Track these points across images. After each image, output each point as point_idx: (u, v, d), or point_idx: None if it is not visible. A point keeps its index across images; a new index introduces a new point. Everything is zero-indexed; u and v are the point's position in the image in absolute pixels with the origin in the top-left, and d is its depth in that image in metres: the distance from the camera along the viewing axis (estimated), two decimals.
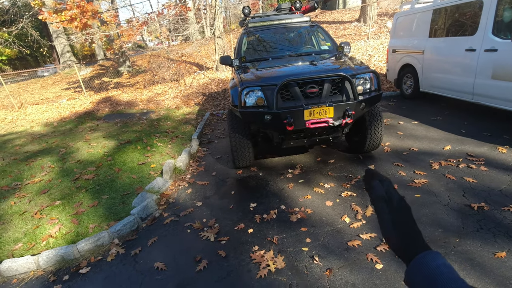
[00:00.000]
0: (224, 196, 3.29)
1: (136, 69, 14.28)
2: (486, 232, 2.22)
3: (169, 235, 2.70)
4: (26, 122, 8.05)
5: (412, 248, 0.46)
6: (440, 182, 2.97)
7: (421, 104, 5.59)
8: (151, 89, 10.23)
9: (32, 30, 18.24)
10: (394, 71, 6.28)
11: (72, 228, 2.87)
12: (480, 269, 1.91)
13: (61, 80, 15.27)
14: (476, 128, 4.15)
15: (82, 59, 26.06)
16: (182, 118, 6.82)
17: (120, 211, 3.07)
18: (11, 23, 17.07)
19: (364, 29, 12.32)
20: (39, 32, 20.02)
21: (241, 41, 4.52)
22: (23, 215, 3.16)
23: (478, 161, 3.25)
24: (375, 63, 8.84)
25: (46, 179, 3.97)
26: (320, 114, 2.91)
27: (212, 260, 2.31)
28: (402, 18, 5.96)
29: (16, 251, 2.62)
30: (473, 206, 2.51)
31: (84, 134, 6.02)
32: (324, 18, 16.02)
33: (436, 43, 4.99)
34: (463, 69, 4.41)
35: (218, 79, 10.12)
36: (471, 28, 4.25)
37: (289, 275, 2.07)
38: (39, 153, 5.03)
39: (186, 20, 16.38)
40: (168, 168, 3.80)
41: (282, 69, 3.42)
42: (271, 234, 2.53)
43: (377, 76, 3.18)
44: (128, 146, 4.85)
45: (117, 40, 11.73)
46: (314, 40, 4.60)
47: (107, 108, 8.70)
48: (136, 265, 2.37)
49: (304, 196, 3.04)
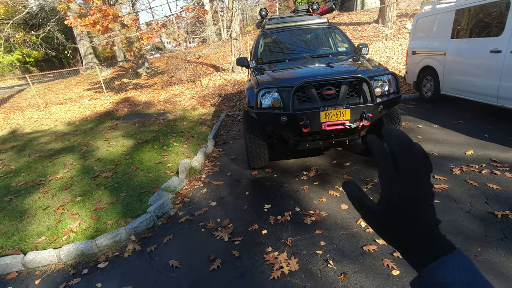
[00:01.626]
0: (238, 196, 3.31)
1: (154, 70, 14.61)
2: (510, 241, 2.12)
3: (184, 234, 2.75)
4: (50, 121, 8.41)
5: None
6: (461, 188, 2.86)
7: (442, 107, 5.41)
8: (168, 90, 10.43)
9: (58, 33, 19.04)
10: (414, 73, 6.11)
11: (91, 223, 2.97)
12: (504, 280, 1.83)
13: (83, 81, 15.85)
14: (501, 133, 3.97)
15: (103, 61, 26.94)
16: (198, 118, 6.92)
17: (137, 209, 3.15)
18: (39, 26, 17.92)
19: (382, 30, 12.08)
20: (64, 35, 20.87)
21: (258, 42, 4.54)
22: (46, 210, 3.30)
23: (503, 167, 3.11)
24: (393, 65, 8.65)
25: (68, 176, 4.13)
26: (337, 116, 2.88)
27: (226, 260, 2.33)
28: (422, 19, 5.80)
29: (39, 244, 2.74)
30: (497, 213, 2.41)
31: (104, 133, 6.22)
32: (342, 19, 15.84)
33: (458, 45, 4.83)
34: (487, 71, 4.24)
35: (234, 80, 10.20)
36: (496, 29, 4.09)
37: (303, 278, 2.06)
38: (62, 151, 5.24)
39: (204, 22, 16.64)
40: (183, 168, 3.86)
41: (299, 71, 3.41)
42: (285, 236, 2.52)
43: (396, 78, 3.12)
44: (145, 146, 4.97)
45: (137, 43, 12.05)
46: (331, 42, 4.56)
47: (126, 108, 8.95)
48: (151, 261, 2.42)
49: (319, 199, 3.01)
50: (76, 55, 22.57)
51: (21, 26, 20.80)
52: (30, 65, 27.68)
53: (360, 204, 0.38)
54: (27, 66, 27.51)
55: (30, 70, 27.40)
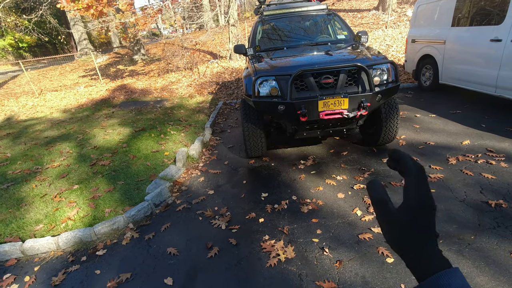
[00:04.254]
0: (236, 185, 3.32)
1: (151, 57, 14.38)
2: (503, 230, 2.16)
3: (181, 222, 2.77)
4: (45, 108, 8.30)
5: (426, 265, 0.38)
6: (456, 177, 2.89)
7: (440, 97, 5.40)
8: (165, 78, 10.30)
9: (51, 18, 18.57)
10: (413, 62, 6.07)
11: (89, 211, 2.98)
12: (495, 267, 1.87)
13: (78, 67, 15.58)
14: (498, 123, 3.99)
15: (98, 46, 26.42)
16: (195, 106, 6.86)
17: (134, 197, 3.16)
18: (31, 10, 17.42)
19: (382, 17, 11.90)
20: (57, 20, 20.35)
21: (256, 29, 4.46)
22: (43, 198, 3.30)
23: (498, 157, 3.13)
24: (393, 54, 8.57)
25: (64, 163, 4.12)
26: (335, 105, 2.86)
27: (223, 247, 2.36)
28: (423, 6, 5.71)
29: (37, 231, 2.75)
30: (491, 203, 2.44)
31: (101, 121, 6.16)
32: (341, 6, 15.54)
33: (459, 33, 4.78)
34: (486, 61, 4.21)
35: (231, 68, 10.08)
36: (498, 17, 4.04)
37: (299, 265, 2.09)
38: (58, 139, 5.20)
39: (201, 8, 16.27)
40: (181, 156, 3.86)
41: (297, 59, 3.37)
42: (282, 224, 2.55)
43: (395, 67, 3.09)
44: (142, 134, 4.94)
45: (132, 28, 11.80)
46: (330, 29, 4.48)
47: (122, 95, 8.84)
48: (149, 249, 2.45)
49: (315, 188, 3.04)
50: (70, 41, 22.10)
51: (12, 10, 20.23)
52: (23, 51, 27.10)
53: (382, 206, 0.41)
54: (20, 51, 26.93)
55: (23, 56, 26.85)
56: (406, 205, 0.39)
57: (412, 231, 0.39)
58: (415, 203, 0.39)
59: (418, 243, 0.39)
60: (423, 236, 0.39)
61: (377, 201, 0.41)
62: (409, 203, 0.39)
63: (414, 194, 0.39)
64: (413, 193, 0.39)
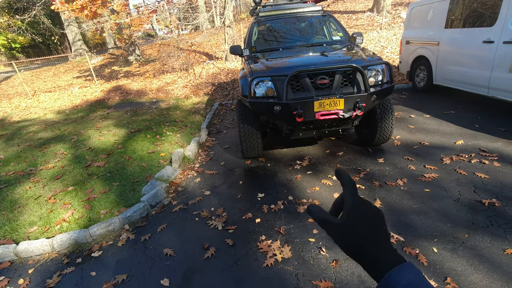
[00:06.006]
0: (232, 185, 3.32)
1: (146, 58, 14.31)
2: (496, 229, 2.19)
3: (177, 223, 2.76)
4: (39, 110, 8.22)
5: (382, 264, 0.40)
6: (450, 177, 2.93)
7: (434, 98, 5.47)
8: (161, 79, 10.26)
9: (44, 18, 18.39)
10: (407, 63, 6.13)
11: (84, 213, 2.96)
12: (489, 265, 1.90)
13: (72, 68, 15.44)
14: (491, 123, 4.05)
15: (93, 47, 26.21)
16: (191, 107, 6.85)
17: (130, 198, 3.14)
18: (24, 10, 17.24)
19: (377, 19, 12.01)
20: (51, 20, 20.16)
21: (252, 30, 4.47)
22: (37, 200, 3.26)
23: (491, 157, 3.18)
24: (387, 55, 8.65)
25: (59, 165, 4.07)
26: (330, 106, 2.88)
27: (220, 248, 2.36)
28: (417, 8, 5.78)
29: (31, 233, 2.72)
30: (484, 202, 2.48)
31: (96, 122, 6.12)
32: (336, 7, 15.65)
33: (452, 35, 4.84)
34: (479, 62, 4.27)
35: (227, 69, 10.08)
36: (490, 19, 4.10)
37: (296, 265, 2.10)
38: (52, 140, 5.15)
39: (196, 8, 16.25)
40: (177, 157, 3.85)
41: (293, 60, 3.38)
42: (278, 224, 2.55)
43: (390, 68, 3.12)
44: (138, 135, 4.91)
45: (127, 29, 11.73)
46: (326, 30, 4.51)
47: (118, 96, 8.79)
48: (145, 250, 2.44)
49: (312, 188, 3.05)
50: (64, 42, 21.88)
51: (5, 10, 19.99)
52: (16, 51, 26.79)
53: (324, 222, 0.45)
54: (13, 52, 26.61)
55: (16, 57, 26.54)
56: (345, 212, 0.45)
57: (357, 236, 0.42)
58: (351, 208, 0.44)
59: (365, 245, 0.42)
60: (370, 238, 0.42)
61: (320, 220, 0.45)
62: (347, 209, 0.44)
63: (350, 202, 0.45)
64: (349, 201, 0.45)
